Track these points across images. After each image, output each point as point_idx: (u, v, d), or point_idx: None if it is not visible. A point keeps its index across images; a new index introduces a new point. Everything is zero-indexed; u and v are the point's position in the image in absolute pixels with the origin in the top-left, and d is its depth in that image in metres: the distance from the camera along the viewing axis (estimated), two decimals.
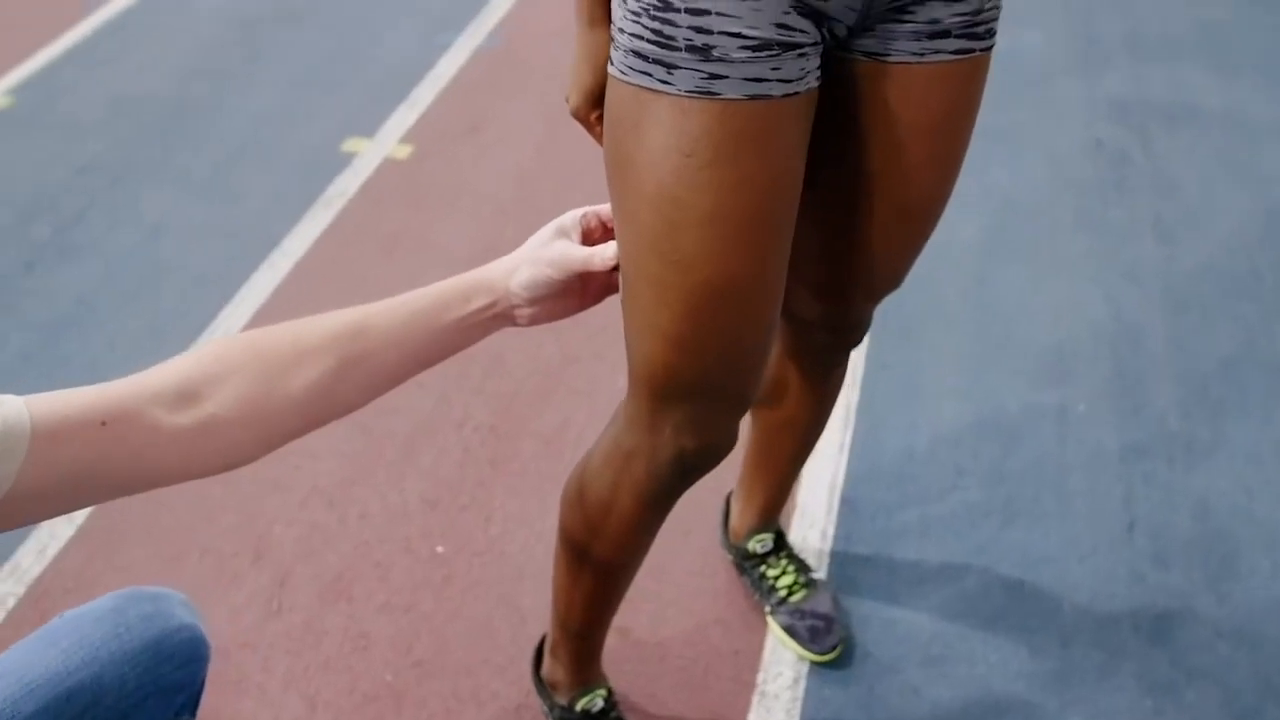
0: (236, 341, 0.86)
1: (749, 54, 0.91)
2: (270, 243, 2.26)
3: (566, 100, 1.09)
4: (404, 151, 2.55)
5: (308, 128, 2.64)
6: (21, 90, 2.79)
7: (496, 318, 0.99)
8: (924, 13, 0.98)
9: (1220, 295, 2.15)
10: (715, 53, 0.91)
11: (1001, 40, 1.10)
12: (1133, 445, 1.83)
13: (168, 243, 2.28)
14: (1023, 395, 1.92)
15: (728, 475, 1.52)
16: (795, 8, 0.92)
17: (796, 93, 0.94)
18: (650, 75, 0.93)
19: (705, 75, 0.91)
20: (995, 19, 1.03)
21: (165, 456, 0.79)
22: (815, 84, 0.97)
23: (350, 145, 2.57)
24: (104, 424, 0.75)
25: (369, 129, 2.63)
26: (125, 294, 2.14)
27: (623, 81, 0.96)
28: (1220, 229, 2.33)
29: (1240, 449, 1.83)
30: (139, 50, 2.97)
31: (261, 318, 2.06)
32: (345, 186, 2.43)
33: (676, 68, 0.92)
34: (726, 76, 0.91)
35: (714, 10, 0.90)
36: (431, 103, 2.73)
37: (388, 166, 2.50)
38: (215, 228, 2.32)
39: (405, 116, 2.68)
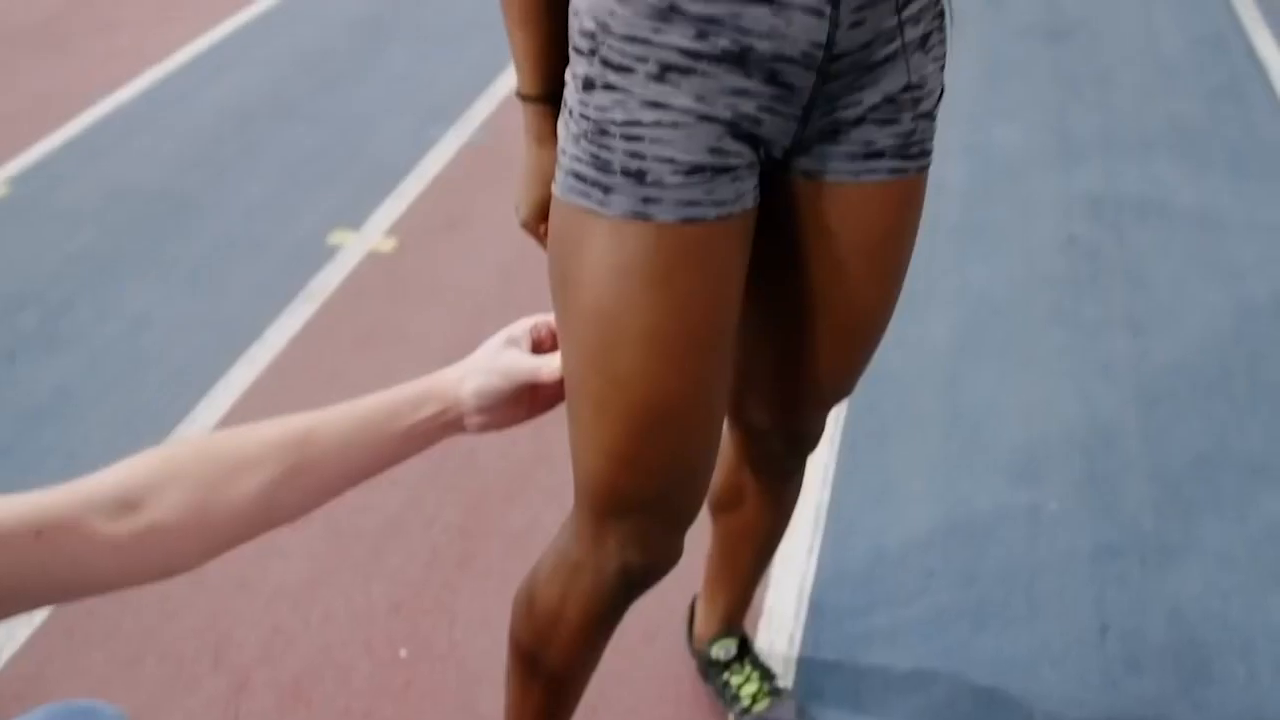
0: (180, 448, 0.86)
1: (682, 178, 0.93)
2: (251, 336, 2.29)
3: (516, 211, 1.12)
4: (389, 245, 2.59)
5: (296, 219, 2.69)
6: (19, 180, 2.84)
7: (446, 426, 1.00)
8: (859, 134, 1.01)
9: (1193, 392, 2.16)
10: (649, 177, 0.93)
11: (980, 136, 1.13)
12: (1105, 546, 1.82)
13: (151, 335, 2.30)
14: (995, 494, 1.92)
15: (694, 577, 1.51)
16: (729, 132, 0.95)
17: (731, 214, 0.96)
18: (589, 197, 0.95)
19: (640, 199, 0.93)
20: (930, 138, 1.05)
21: (104, 566, 0.79)
22: (752, 204, 0.99)
23: (336, 237, 2.61)
24: (39, 534, 0.75)
25: (356, 221, 2.68)
26: (105, 386, 2.15)
27: (563, 201, 0.98)
28: (1192, 325, 2.34)
29: (1214, 550, 1.82)
30: (137, 142, 3.03)
31: (236, 413, 2.07)
32: (328, 280, 2.46)
33: (613, 191, 0.94)
34: (661, 200, 0.93)
35: (648, 137, 0.93)
36: (418, 196, 2.78)
37: (371, 260, 2.54)
38: (199, 320, 2.35)
39: (392, 208, 2.73)
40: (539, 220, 1.10)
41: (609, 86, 0.93)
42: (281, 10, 3.88)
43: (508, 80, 3.17)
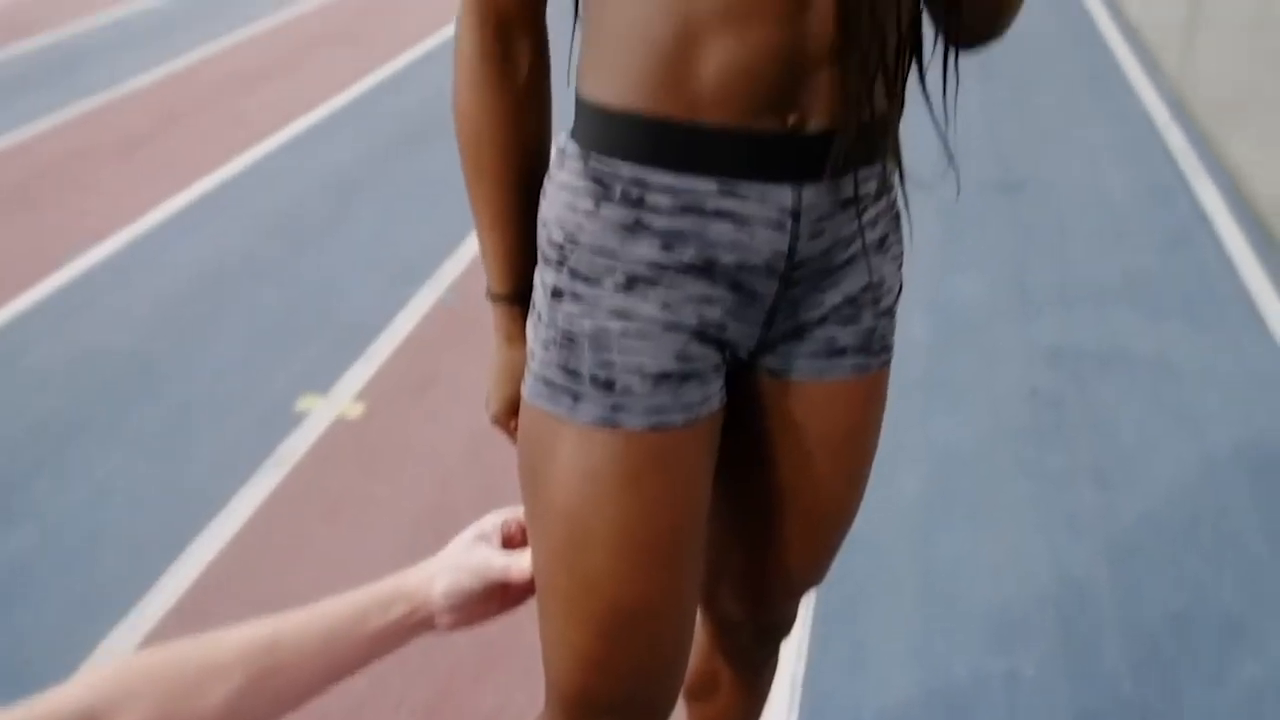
0: (137, 662, 0.84)
1: (650, 386, 0.94)
2: (217, 505, 2.25)
3: (486, 405, 1.12)
4: (356, 410, 2.59)
5: (264, 384, 2.68)
6: None
7: (416, 626, 1.00)
8: (822, 334, 1.03)
9: (1163, 544, 2.16)
10: (618, 386, 0.94)
11: (941, 290, 1.16)
12: (1086, 712, 1.79)
13: (114, 505, 2.26)
14: (971, 659, 1.89)
15: None
16: (696, 338, 0.97)
17: (698, 418, 0.97)
18: (558, 403, 0.96)
19: (609, 406, 0.94)
20: (890, 334, 1.08)
21: None
22: (718, 405, 1.00)
23: (304, 403, 2.60)
24: None
25: (324, 385, 2.68)
26: (63, 561, 2.10)
27: (532, 406, 0.99)
28: (1157, 475, 2.37)
29: (1195, 716, 1.79)
30: (106, 304, 3.04)
31: (199, 588, 2.02)
32: (296, 446, 2.44)
33: (582, 399, 0.95)
34: (629, 408, 0.94)
35: (616, 346, 0.94)
36: (386, 360, 2.79)
37: (339, 425, 2.53)
38: (163, 488, 2.31)
39: (360, 372, 2.73)
40: (509, 417, 1.11)
41: (577, 297, 0.95)
42: (252, 172, 3.97)
43: (475, 241, 3.24)
